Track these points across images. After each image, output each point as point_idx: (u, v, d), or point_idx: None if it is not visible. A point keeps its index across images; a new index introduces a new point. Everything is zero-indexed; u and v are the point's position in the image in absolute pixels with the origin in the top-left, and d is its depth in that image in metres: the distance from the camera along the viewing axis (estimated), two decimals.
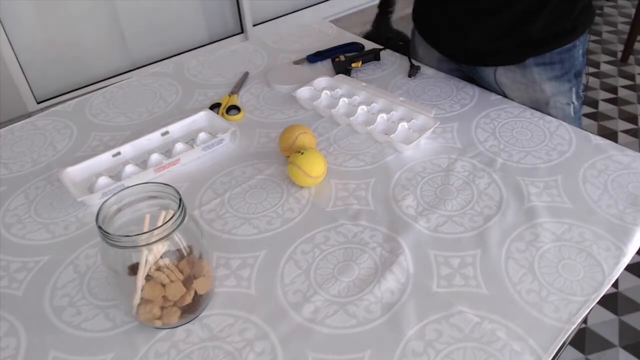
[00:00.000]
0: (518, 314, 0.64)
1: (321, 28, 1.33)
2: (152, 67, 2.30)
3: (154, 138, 0.93)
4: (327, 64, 1.17)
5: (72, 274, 0.72)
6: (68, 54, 2.11)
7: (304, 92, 1.05)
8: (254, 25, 2.57)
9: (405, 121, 0.94)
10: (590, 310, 0.67)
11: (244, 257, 0.73)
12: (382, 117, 0.95)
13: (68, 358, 0.62)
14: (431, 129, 0.92)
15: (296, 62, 1.18)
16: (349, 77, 1.09)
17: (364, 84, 1.05)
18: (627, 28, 2.92)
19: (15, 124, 1.03)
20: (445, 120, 0.97)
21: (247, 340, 0.63)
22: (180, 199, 0.60)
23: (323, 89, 1.05)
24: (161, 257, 0.60)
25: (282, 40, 1.28)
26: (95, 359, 0.62)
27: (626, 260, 0.71)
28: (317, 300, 0.67)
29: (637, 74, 2.66)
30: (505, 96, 1.04)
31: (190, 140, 0.94)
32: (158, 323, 0.63)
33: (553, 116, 0.97)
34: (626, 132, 2.26)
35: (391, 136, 0.91)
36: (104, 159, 0.88)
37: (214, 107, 1.04)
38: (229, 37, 2.54)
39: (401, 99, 0.99)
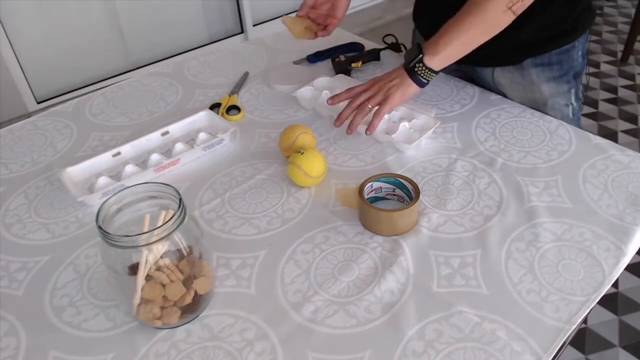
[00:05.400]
0: (518, 314, 0.64)
1: None
2: (152, 67, 2.30)
3: (154, 138, 0.93)
4: (327, 64, 1.17)
5: (72, 274, 0.72)
6: (68, 53, 2.10)
7: (304, 93, 1.05)
8: (254, 25, 2.57)
9: (406, 121, 0.94)
10: (590, 310, 0.67)
11: (244, 257, 0.73)
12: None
13: (68, 358, 0.62)
14: (432, 129, 0.92)
15: (296, 62, 1.18)
16: (348, 77, 1.09)
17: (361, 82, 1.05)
18: (627, 28, 2.92)
19: (15, 124, 1.03)
20: (445, 120, 0.97)
21: (247, 340, 0.63)
22: (180, 199, 0.60)
23: (323, 89, 1.05)
24: (161, 257, 0.60)
25: (282, 40, 1.28)
26: (95, 359, 0.62)
27: (626, 260, 0.71)
28: (317, 300, 0.67)
29: (637, 74, 2.66)
30: (504, 96, 1.04)
31: (190, 140, 0.94)
32: (158, 323, 0.63)
33: (551, 117, 0.97)
34: (626, 132, 2.26)
35: (392, 136, 0.91)
36: (104, 159, 0.88)
37: (214, 107, 1.04)
38: (229, 37, 2.54)
39: None
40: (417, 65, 0.87)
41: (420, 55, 0.86)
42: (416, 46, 0.88)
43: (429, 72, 0.88)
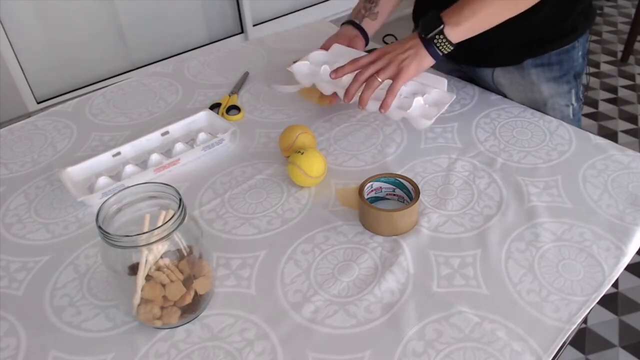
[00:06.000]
0: (518, 314, 0.64)
1: (321, 28, 1.33)
2: (152, 67, 2.30)
3: (154, 138, 0.93)
4: None
5: (72, 274, 0.72)
6: (68, 54, 2.11)
7: (301, 68, 0.99)
8: (254, 25, 2.57)
9: (420, 95, 0.89)
10: (590, 310, 0.67)
11: (244, 257, 0.73)
12: None
13: (68, 358, 0.62)
14: (449, 102, 0.88)
15: (296, 62, 1.18)
16: (346, 47, 1.03)
17: (363, 53, 0.97)
18: (627, 28, 2.92)
19: (15, 124, 1.03)
20: (445, 120, 0.97)
21: (247, 340, 0.63)
22: (180, 199, 0.60)
23: (321, 63, 0.98)
24: (161, 257, 0.60)
25: (282, 40, 1.28)
26: (95, 359, 0.62)
27: (626, 260, 0.71)
28: (317, 300, 0.67)
29: (637, 74, 2.66)
30: (504, 97, 1.04)
31: (190, 140, 0.94)
32: (158, 323, 0.63)
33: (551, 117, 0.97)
34: (626, 132, 2.26)
35: (408, 111, 0.87)
36: (104, 159, 0.88)
37: (214, 107, 1.04)
38: (229, 37, 2.54)
39: None
40: (436, 36, 0.82)
41: (442, 26, 0.82)
42: (434, 15, 0.83)
43: (447, 44, 0.83)
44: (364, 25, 1.06)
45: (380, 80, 0.84)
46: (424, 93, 0.90)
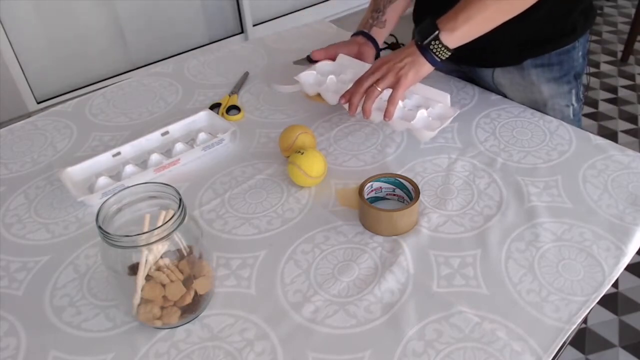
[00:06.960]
0: (518, 314, 0.64)
1: (321, 28, 1.33)
2: (152, 67, 2.30)
3: (154, 138, 0.93)
4: None
5: (72, 274, 0.72)
6: (68, 53, 2.10)
7: (307, 77, 0.99)
8: (254, 25, 2.57)
9: (423, 108, 0.89)
10: (590, 310, 0.67)
11: (244, 257, 0.73)
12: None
13: (68, 358, 0.62)
14: (453, 116, 0.88)
15: (296, 62, 1.18)
16: (353, 59, 1.03)
17: (368, 65, 0.98)
18: (627, 28, 2.92)
19: (15, 124, 1.03)
20: None
21: (247, 340, 0.63)
22: (180, 199, 0.60)
23: (328, 73, 0.99)
24: (161, 257, 0.60)
25: (282, 40, 1.28)
26: (95, 359, 0.62)
27: (626, 260, 0.71)
28: (317, 300, 0.67)
29: (637, 74, 2.66)
30: (504, 97, 1.04)
31: (190, 140, 0.94)
32: (158, 323, 0.63)
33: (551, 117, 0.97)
34: (626, 132, 2.26)
35: (411, 123, 0.87)
36: (104, 159, 0.88)
37: (214, 107, 1.04)
38: (229, 37, 2.54)
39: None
40: (432, 42, 0.83)
41: (437, 32, 0.82)
42: (429, 22, 0.83)
43: (444, 50, 0.83)
44: (372, 34, 1.06)
45: (379, 89, 0.85)
46: (427, 106, 0.91)
